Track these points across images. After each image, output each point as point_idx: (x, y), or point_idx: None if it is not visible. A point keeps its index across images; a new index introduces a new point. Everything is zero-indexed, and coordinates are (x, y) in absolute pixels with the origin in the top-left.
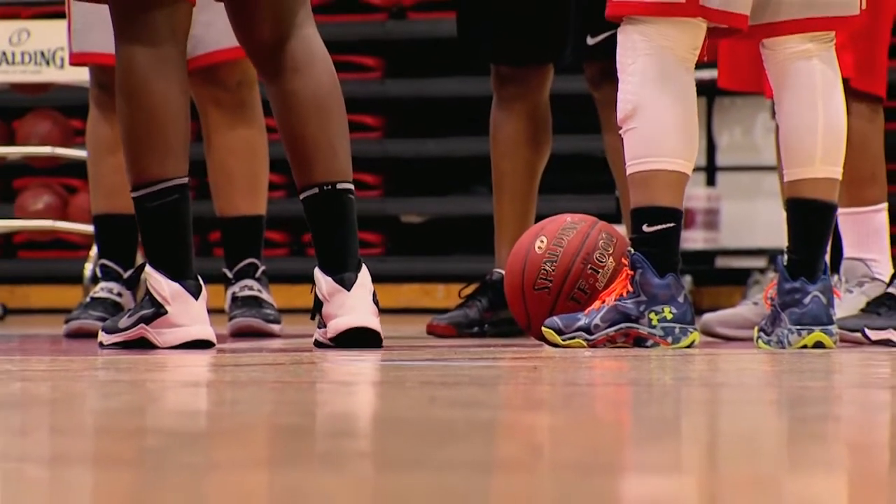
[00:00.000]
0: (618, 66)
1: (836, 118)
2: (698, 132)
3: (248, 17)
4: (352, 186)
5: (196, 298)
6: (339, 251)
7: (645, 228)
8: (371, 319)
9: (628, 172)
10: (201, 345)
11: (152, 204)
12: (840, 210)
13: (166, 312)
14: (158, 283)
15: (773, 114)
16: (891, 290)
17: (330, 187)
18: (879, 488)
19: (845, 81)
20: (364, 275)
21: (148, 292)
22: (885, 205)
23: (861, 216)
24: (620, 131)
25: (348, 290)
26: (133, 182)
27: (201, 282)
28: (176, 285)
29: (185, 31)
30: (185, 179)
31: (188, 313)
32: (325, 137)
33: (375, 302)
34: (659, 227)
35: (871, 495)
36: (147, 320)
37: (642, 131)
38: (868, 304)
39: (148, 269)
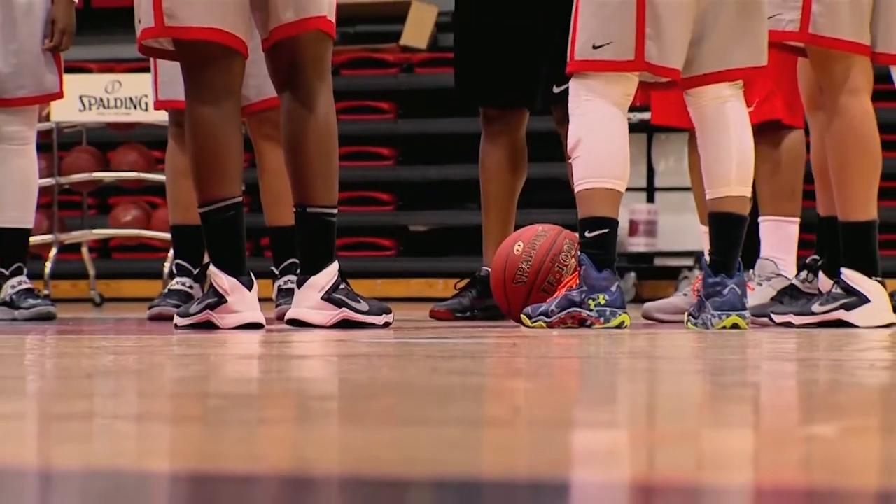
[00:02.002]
0: (569, 110)
1: (746, 149)
2: (628, 158)
3: (279, 65)
4: (324, 209)
5: (249, 290)
6: (303, 258)
7: (587, 234)
8: (309, 313)
9: (575, 191)
10: (254, 326)
11: (214, 218)
12: (762, 217)
13: (227, 301)
14: (220, 278)
15: (690, 146)
16: (794, 282)
17: (301, 209)
18: (787, 442)
19: (778, 120)
20: (318, 276)
21: (212, 285)
22: (798, 219)
23: (778, 224)
24: (569, 160)
25: (299, 288)
26: (200, 201)
27: (253, 277)
28: (233, 280)
29: (239, 82)
30: (240, 198)
31: (243, 302)
32: (307, 166)
33: (381, 299)
34: (597, 232)
35: (780, 448)
36: (212, 307)
37: (584, 159)
38: (777, 294)
39: (212, 267)
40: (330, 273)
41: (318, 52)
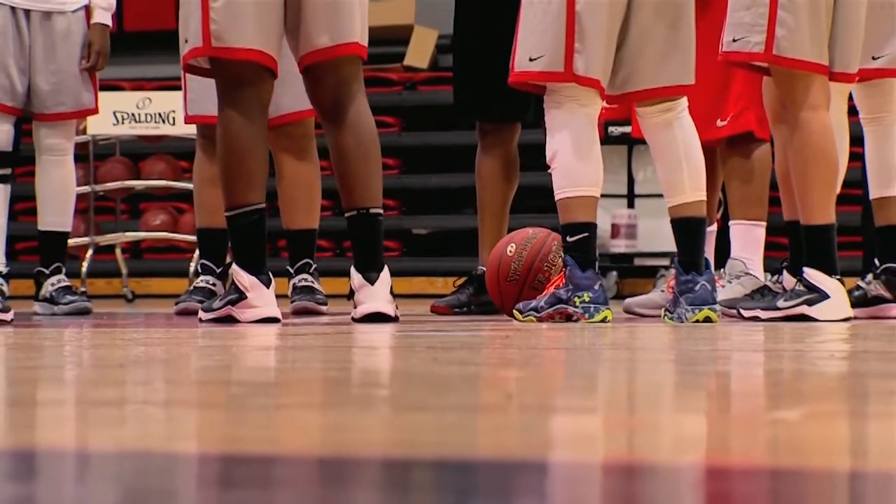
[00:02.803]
0: (545, 122)
1: (694, 159)
2: (601, 163)
3: (319, 88)
4: (381, 211)
5: (267, 287)
6: (366, 256)
7: (569, 238)
8: (385, 306)
9: (556, 199)
10: (271, 321)
11: (240, 221)
12: (732, 221)
13: (247, 297)
14: (241, 276)
15: None
16: (768, 283)
17: (365, 211)
18: (755, 426)
19: (751, 132)
20: (385, 274)
21: (233, 283)
22: (764, 223)
23: (747, 228)
24: (549, 170)
25: (372, 285)
26: (227, 205)
27: (271, 276)
28: (253, 278)
29: (268, 100)
30: (263, 205)
31: (262, 298)
32: (359, 175)
33: (392, 293)
34: (578, 237)
35: (748, 431)
36: (233, 303)
37: (560, 170)
38: (751, 292)
39: (234, 266)
40: (387, 270)
41: (353, 71)
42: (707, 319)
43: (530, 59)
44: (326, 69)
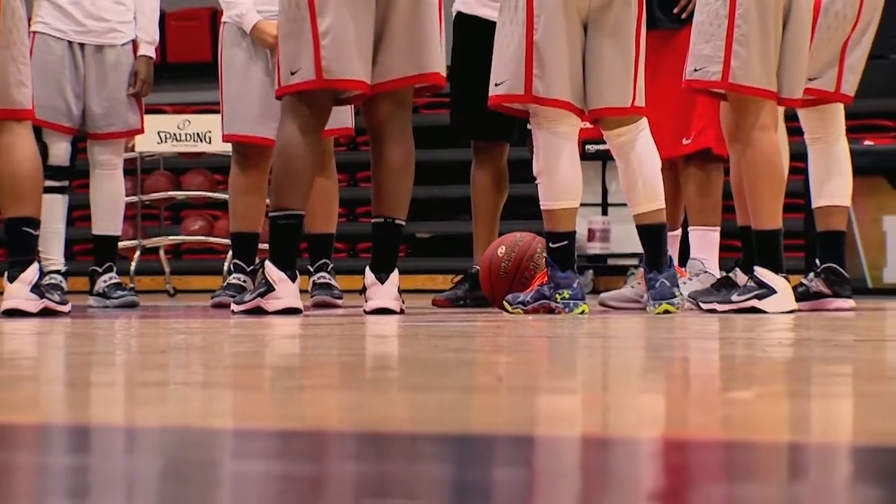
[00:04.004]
0: (532, 141)
1: (648, 173)
2: (580, 177)
3: (380, 108)
4: (404, 222)
5: (293, 282)
6: (382, 259)
7: (551, 245)
8: (392, 303)
9: (541, 208)
10: (293, 311)
11: (280, 222)
12: (691, 227)
13: (274, 290)
14: (272, 270)
15: None
16: (729, 275)
17: (390, 220)
18: (712, 404)
19: (709, 149)
20: (394, 274)
21: (264, 277)
22: (719, 228)
23: (703, 233)
24: (535, 182)
25: (382, 284)
26: (274, 206)
27: (297, 273)
28: (282, 273)
29: (326, 122)
30: (303, 212)
31: (287, 291)
32: (395, 189)
33: (399, 291)
34: (560, 243)
35: (706, 409)
36: (262, 295)
37: (545, 185)
38: (716, 282)
39: (267, 262)
40: (397, 271)
41: (411, 96)
42: (666, 312)
43: (496, 84)
44: (398, 93)
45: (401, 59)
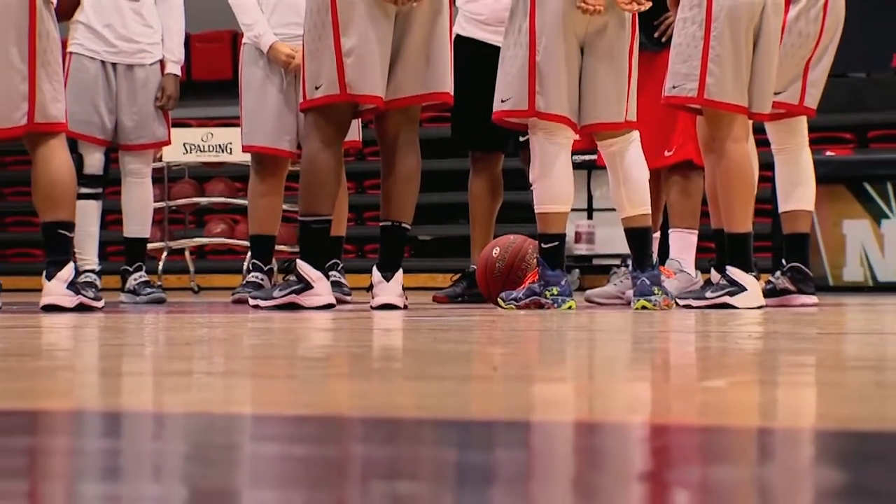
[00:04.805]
0: (530, 149)
1: (634, 182)
2: (572, 184)
3: (391, 122)
4: (409, 226)
5: (327, 280)
6: (388, 259)
7: (543, 245)
8: (395, 299)
9: (535, 211)
10: (330, 307)
11: (311, 226)
12: (671, 230)
13: (313, 287)
14: (308, 269)
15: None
16: (710, 277)
17: (397, 224)
18: (689, 391)
19: (690, 160)
20: (399, 274)
21: (297, 274)
22: (696, 231)
23: (682, 235)
24: (531, 188)
25: (387, 282)
26: (304, 212)
27: (327, 272)
28: (318, 272)
29: (346, 132)
30: (330, 217)
31: (324, 288)
32: (402, 196)
33: (403, 289)
34: (551, 244)
35: (684, 396)
36: (297, 292)
37: (540, 190)
38: (704, 284)
39: (299, 261)
40: (401, 271)
41: (419, 112)
42: (644, 307)
43: (502, 101)
44: (408, 109)
45: (414, 78)
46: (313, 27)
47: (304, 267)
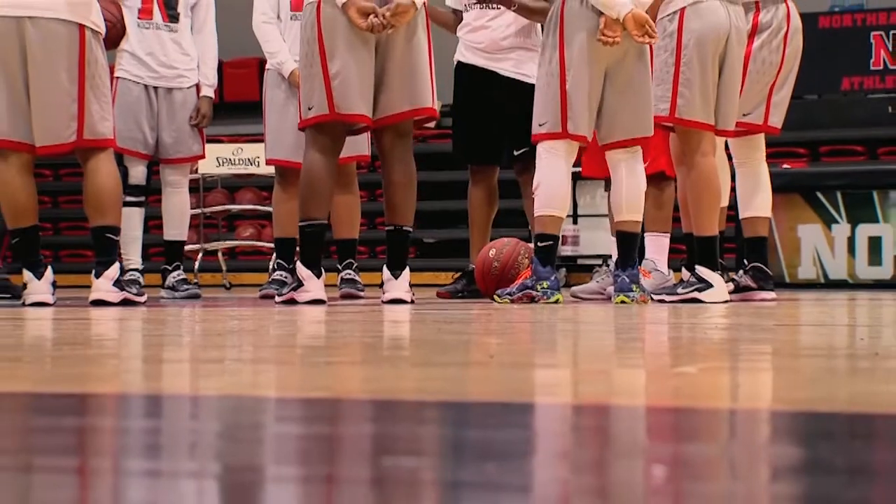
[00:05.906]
0: (536, 160)
1: (632, 190)
2: (570, 194)
3: (387, 137)
4: (411, 229)
5: (318, 279)
6: (396, 259)
7: (539, 244)
8: (404, 294)
9: (534, 214)
10: (318, 302)
11: (307, 230)
12: (646, 233)
13: (303, 285)
14: (302, 269)
15: (605, 188)
16: (681, 276)
17: (399, 227)
18: (664, 377)
19: (662, 172)
20: (405, 271)
21: (295, 275)
22: (668, 234)
23: (657, 237)
24: (533, 194)
25: (396, 279)
26: (301, 217)
27: (322, 270)
28: (309, 271)
29: (341, 147)
30: (326, 221)
31: (314, 285)
32: (401, 202)
33: (410, 285)
34: (545, 244)
35: (660, 381)
36: (295, 289)
37: (541, 196)
38: (679, 281)
39: (298, 263)
40: (408, 269)
41: (412, 127)
42: (622, 302)
43: (539, 125)
44: (398, 125)
45: (399, 97)
46: (305, 56)
47: (299, 267)
